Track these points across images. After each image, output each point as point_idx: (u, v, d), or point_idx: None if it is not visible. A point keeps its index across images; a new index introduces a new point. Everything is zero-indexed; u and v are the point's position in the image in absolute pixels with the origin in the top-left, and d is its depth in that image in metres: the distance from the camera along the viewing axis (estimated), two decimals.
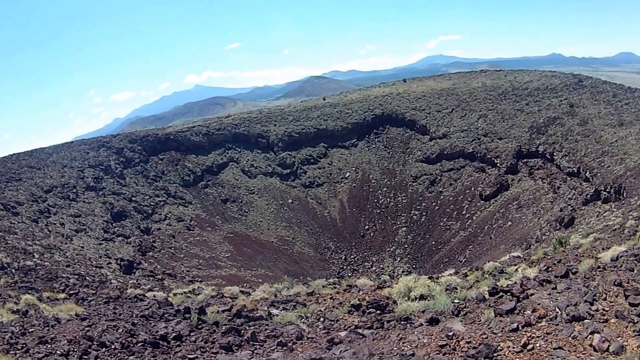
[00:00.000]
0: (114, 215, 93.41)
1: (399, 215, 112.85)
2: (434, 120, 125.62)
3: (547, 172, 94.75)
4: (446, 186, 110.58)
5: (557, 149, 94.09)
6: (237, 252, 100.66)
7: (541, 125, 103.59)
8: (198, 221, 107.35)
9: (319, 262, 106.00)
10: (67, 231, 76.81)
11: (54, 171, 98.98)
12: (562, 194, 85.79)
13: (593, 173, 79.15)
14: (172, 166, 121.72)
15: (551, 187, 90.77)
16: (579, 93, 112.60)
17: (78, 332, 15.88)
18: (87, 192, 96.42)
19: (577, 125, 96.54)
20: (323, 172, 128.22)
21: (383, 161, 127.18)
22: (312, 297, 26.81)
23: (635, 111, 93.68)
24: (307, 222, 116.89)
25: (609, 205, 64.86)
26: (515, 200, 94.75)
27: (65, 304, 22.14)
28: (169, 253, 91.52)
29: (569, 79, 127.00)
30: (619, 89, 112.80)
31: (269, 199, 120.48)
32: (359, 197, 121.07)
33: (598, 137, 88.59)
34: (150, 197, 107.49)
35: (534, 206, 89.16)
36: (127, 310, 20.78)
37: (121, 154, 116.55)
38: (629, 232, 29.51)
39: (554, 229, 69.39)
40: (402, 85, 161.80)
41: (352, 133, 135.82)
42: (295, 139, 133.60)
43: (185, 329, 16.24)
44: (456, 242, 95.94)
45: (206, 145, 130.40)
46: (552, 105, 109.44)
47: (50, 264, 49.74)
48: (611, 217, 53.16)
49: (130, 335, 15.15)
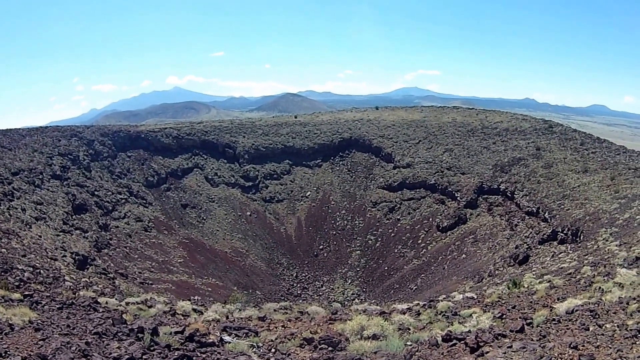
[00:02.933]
0: (75, 207, 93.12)
1: (355, 238, 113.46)
2: (400, 150, 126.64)
3: (507, 209, 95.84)
4: (405, 214, 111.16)
5: (518, 188, 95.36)
6: (190, 259, 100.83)
7: (505, 164, 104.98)
8: (156, 223, 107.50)
9: (270, 276, 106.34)
10: (28, 217, 76.60)
11: (24, 154, 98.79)
12: (519, 232, 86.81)
13: (552, 214, 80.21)
14: (138, 165, 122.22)
15: (509, 224, 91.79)
16: (547, 138, 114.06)
17: (32, 345, 15.93)
18: (53, 180, 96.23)
19: (542, 167, 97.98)
20: (285, 189, 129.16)
21: (345, 184, 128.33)
22: (264, 323, 27.29)
23: (601, 160, 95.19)
24: (263, 236, 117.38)
25: (564, 246, 65.82)
26: (472, 234, 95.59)
27: (20, 308, 22.00)
28: (123, 252, 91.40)
29: (540, 123, 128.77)
30: (587, 138, 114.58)
31: (228, 209, 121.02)
32: (317, 216, 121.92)
33: (561, 180, 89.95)
34: (112, 193, 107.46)
35: (490, 241, 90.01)
36: (81, 322, 20.91)
37: (91, 146, 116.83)
38: (585, 283, 30.13)
39: (507, 265, 70.36)
40: (373, 112, 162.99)
41: (318, 153, 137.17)
42: (261, 153, 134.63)
43: (138, 351, 16.35)
44: (408, 270, 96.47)
45: (174, 148, 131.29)
46: (519, 147, 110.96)
47: (7, 250, 49.86)
48: (566, 259, 54.21)
49: (84, 356, 15.18)
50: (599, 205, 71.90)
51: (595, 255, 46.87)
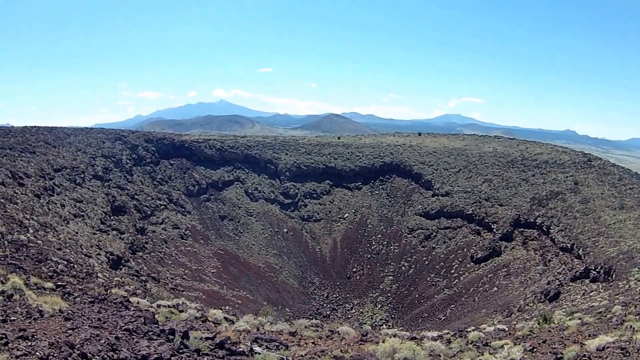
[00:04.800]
0: (114, 209, 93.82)
1: (389, 263, 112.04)
2: (440, 177, 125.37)
3: (541, 244, 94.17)
4: (440, 243, 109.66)
5: (554, 223, 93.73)
6: (223, 270, 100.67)
7: (543, 198, 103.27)
8: (192, 232, 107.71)
9: (300, 295, 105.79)
10: (66, 213, 76.97)
11: (68, 152, 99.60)
12: (552, 268, 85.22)
13: (586, 251, 78.69)
14: (180, 173, 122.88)
15: (542, 259, 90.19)
16: (585, 172, 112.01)
17: (60, 333, 15.81)
18: (94, 180, 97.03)
19: (579, 202, 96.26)
20: (323, 209, 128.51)
21: (383, 208, 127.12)
22: (295, 338, 26.70)
23: (638, 197, 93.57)
24: (298, 254, 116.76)
25: (596, 285, 64.44)
26: (505, 267, 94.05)
27: (51, 296, 22.00)
28: (157, 257, 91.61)
29: (579, 156, 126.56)
30: (625, 173, 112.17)
31: (266, 224, 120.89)
32: (353, 239, 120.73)
33: (597, 217, 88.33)
34: (152, 198, 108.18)
35: (522, 275, 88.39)
36: (112, 318, 20.54)
37: (134, 151, 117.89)
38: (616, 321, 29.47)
39: (538, 301, 69.09)
40: (416, 138, 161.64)
41: (359, 176, 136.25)
42: (302, 172, 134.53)
43: (167, 352, 16.10)
44: (439, 299, 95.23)
45: (217, 160, 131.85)
46: (557, 180, 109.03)
47: (43, 242, 49.85)
48: (597, 297, 53.07)
49: (112, 349, 14.96)
50: (634, 244, 70.56)
51: (626, 295, 45.81)
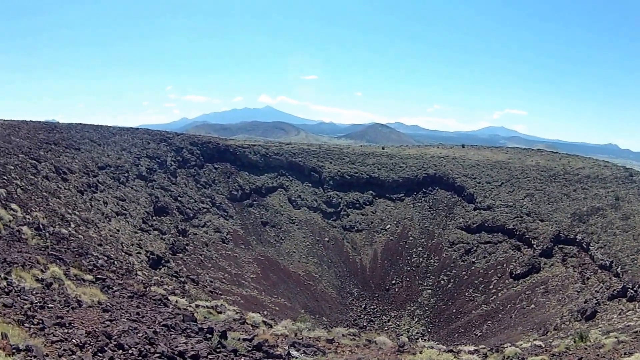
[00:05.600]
0: (156, 209, 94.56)
1: (428, 277, 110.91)
2: (482, 191, 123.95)
3: (580, 261, 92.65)
4: (480, 258, 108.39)
5: (594, 240, 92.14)
6: (262, 276, 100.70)
7: (584, 214, 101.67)
8: (234, 236, 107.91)
9: (338, 304, 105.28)
10: (108, 211, 77.65)
11: (113, 151, 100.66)
12: (589, 286, 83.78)
13: (624, 269, 77.31)
14: (224, 177, 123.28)
15: (581, 276, 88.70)
16: (627, 187, 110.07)
17: (98, 324, 15.85)
18: (138, 179, 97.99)
19: (619, 219, 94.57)
20: (365, 219, 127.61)
21: (425, 221, 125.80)
22: (332, 345, 26.61)
23: None
24: (338, 263, 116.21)
25: (633, 304, 63.65)
26: (543, 284, 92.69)
27: (90, 288, 22.30)
28: (198, 259, 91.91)
29: (621, 171, 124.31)
30: None
31: (307, 232, 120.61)
32: (394, 251, 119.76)
33: (637, 234, 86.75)
34: (195, 201, 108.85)
35: (560, 293, 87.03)
36: (151, 314, 20.55)
37: (179, 153, 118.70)
38: None
39: (574, 320, 68.06)
40: (459, 150, 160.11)
41: (402, 187, 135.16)
42: (346, 181, 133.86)
43: (204, 350, 15.97)
44: (476, 315, 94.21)
45: (261, 166, 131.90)
46: (599, 196, 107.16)
47: (84, 237, 50.17)
48: (634, 317, 52.31)
49: (149, 343, 14.91)
50: None
51: None
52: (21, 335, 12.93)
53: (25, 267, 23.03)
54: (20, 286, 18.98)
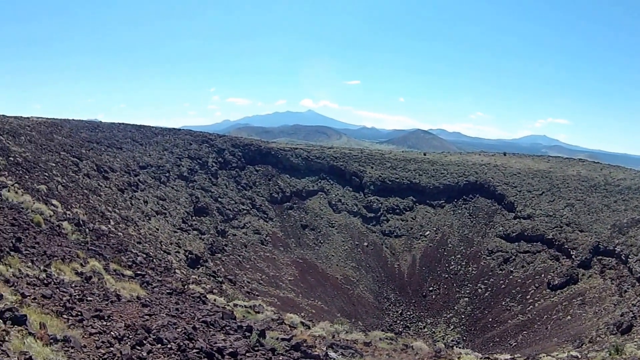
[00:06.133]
0: (196, 209, 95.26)
1: (465, 284, 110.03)
2: (523, 200, 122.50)
3: (618, 273, 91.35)
4: (518, 267, 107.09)
5: (633, 252, 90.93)
6: (300, 278, 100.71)
7: (624, 225, 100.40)
8: (273, 238, 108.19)
9: (374, 309, 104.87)
10: (148, 210, 78.27)
11: (154, 151, 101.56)
12: (627, 299, 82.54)
13: None
14: (264, 180, 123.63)
15: (618, 289, 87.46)
16: None
17: (137, 318, 15.92)
18: (179, 179, 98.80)
19: None
20: (405, 225, 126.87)
21: (464, 228, 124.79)
22: (369, 348, 26.53)
23: None
24: (376, 268, 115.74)
25: None
26: (580, 295, 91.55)
27: (130, 283, 22.53)
28: (236, 260, 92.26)
29: None
30: None
31: (346, 236, 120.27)
32: (432, 257, 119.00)
33: None
34: (235, 202, 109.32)
35: (597, 305, 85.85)
36: (190, 310, 20.64)
37: (221, 155, 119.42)
38: None
39: (610, 333, 67.20)
40: (501, 157, 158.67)
41: (442, 194, 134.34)
42: (387, 186, 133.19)
43: (243, 347, 15.88)
44: (512, 325, 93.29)
45: (302, 169, 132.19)
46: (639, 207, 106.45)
47: (123, 235, 50.44)
48: None
49: (188, 338, 14.86)
50: None
51: None
52: (59, 326, 12.91)
53: (64, 260, 23.18)
54: (60, 279, 19.10)
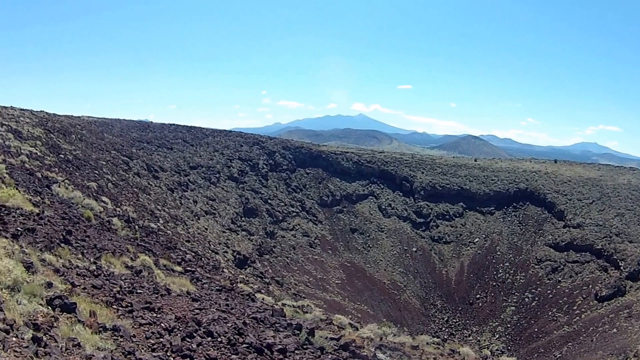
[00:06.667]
0: (246, 210, 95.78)
1: (513, 293, 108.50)
2: (573, 208, 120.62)
3: None
4: (566, 277, 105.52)
5: None
6: (347, 282, 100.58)
7: None
8: (322, 241, 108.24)
9: (420, 315, 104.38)
10: (198, 209, 78.92)
11: (205, 152, 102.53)
12: None
13: None
14: (315, 183, 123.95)
15: None
16: None
17: (187, 311, 15.98)
18: (229, 181, 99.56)
19: None
20: (454, 231, 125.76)
21: (513, 236, 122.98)
22: (416, 352, 26.37)
23: None
24: (424, 274, 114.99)
25: None
26: (627, 308, 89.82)
27: (180, 278, 22.79)
28: (284, 262, 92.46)
29: None
30: None
31: (395, 241, 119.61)
32: (480, 265, 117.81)
33: None
34: (285, 204, 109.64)
35: None
36: (239, 307, 20.66)
37: (272, 157, 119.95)
38: None
39: None
40: (552, 165, 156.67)
41: (492, 200, 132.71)
42: (437, 192, 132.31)
43: (292, 345, 15.90)
44: (557, 336, 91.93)
45: (353, 173, 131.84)
46: None
47: (172, 233, 50.75)
48: None
49: (238, 333, 14.92)
50: None
51: None
52: (109, 316, 13.16)
53: (115, 254, 23.52)
54: (110, 271, 19.43)
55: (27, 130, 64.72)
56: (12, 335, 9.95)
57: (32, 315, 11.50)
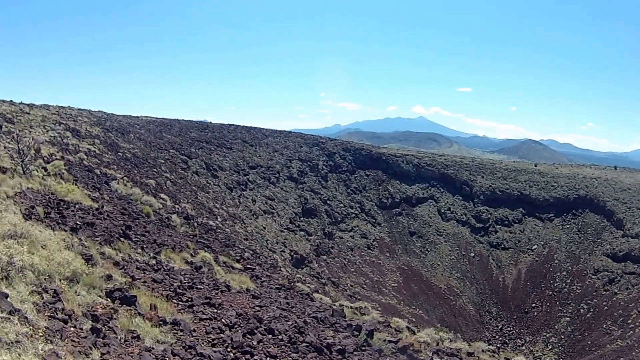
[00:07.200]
0: (305, 211, 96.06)
1: (568, 303, 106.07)
2: (632, 217, 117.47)
3: None
4: (622, 289, 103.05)
5: None
6: (404, 285, 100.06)
7: None
8: (380, 244, 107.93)
9: (475, 322, 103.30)
10: (257, 209, 79.41)
11: (265, 152, 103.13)
12: None
13: None
14: (374, 185, 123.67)
15: None
16: None
17: (248, 308, 16.11)
18: (288, 181, 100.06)
19: None
20: (512, 237, 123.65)
21: (571, 244, 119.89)
22: (472, 358, 26.13)
23: None
24: (481, 280, 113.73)
25: None
26: None
27: (240, 275, 23.04)
28: (341, 263, 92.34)
29: None
30: None
31: (454, 246, 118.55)
32: (537, 273, 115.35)
33: None
34: (344, 206, 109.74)
35: None
36: (299, 305, 20.79)
37: (331, 158, 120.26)
38: None
39: None
40: (612, 171, 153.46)
41: (552, 207, 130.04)
42: (496, 197, 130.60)
43: (351, 345, 15.84)
44: (610, 350, 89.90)
45: (413, 175, 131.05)
46: None
47: (230, 231, 51.01)
48: None
49: (299, 332, 14.91)
50: None
51: None
52: (169, 310, 13.47)
53: (174, 249, 23.91)
54: (169, 266, 19.83)
55: (85, 129, 65.99)
56: (70, 325, 10.08)
57: (91, 307, 11.70)
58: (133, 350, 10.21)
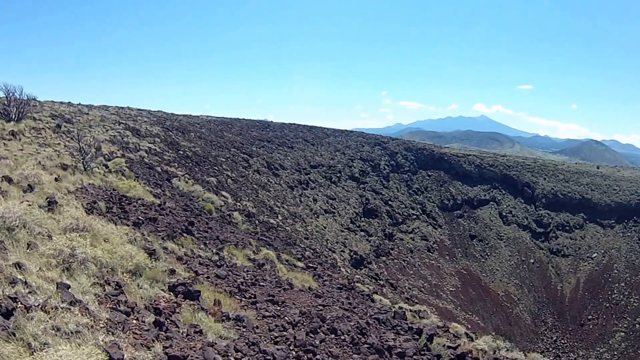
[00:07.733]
0: (366, 211, 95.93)
1: (624, 317, 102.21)
2: None
3: None
4: None
5: None
6: (462, 290, 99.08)
7: None
8: (440, 246, 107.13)
9: (530, 332, 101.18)
10: (317, 208, 79.59)
11: (326, 152, 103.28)
12: None
13: None
14: (436, 186, 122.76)
15: None
16: None
17: (311, 307, 16.17)
18: (350, 180, 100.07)
19: None
20: (573, 244, 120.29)
21: (631, 254, 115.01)
22: None
23: None
24: (539, 288, 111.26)
25: None
26: None
27: (302, 274, 23.44)
28: (400, 264, 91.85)
29: None
30: None
31: (514, 251, 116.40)
32: (596, 283, 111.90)
33: None
34: (405, 207, 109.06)
35: None
36: (361, 306, 20.69)
37: (393, 158, 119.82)
38: None
39: None
40: None
41: (613, 212, 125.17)
42: (558, 200, 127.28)
43: (411, 349, 15.65)
44: None
45: (475, 176, 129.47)
46: None
47: (291, 230, 51.22)
48: None
49: (361, 333, 14.84)
50: None
51: None
52: (232, 306, 13.67)
53: (237, 246, 24.47)
54: (232, 262, 20.21)
55: (145, 128, 67.18)
56: (132, 317, 10.34)
57: (154, 300, 12.04)
58: (195, 344, 10.25)
